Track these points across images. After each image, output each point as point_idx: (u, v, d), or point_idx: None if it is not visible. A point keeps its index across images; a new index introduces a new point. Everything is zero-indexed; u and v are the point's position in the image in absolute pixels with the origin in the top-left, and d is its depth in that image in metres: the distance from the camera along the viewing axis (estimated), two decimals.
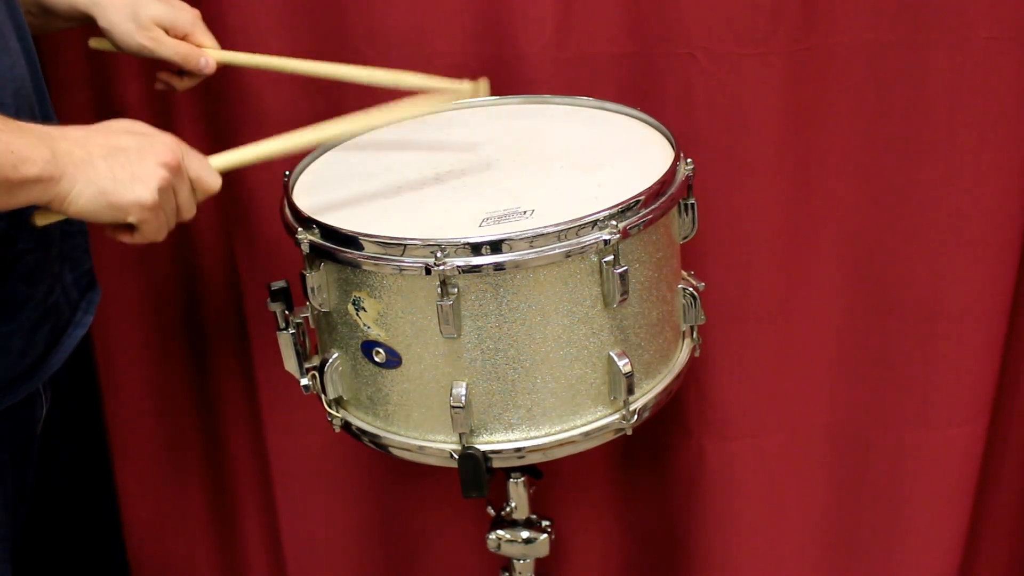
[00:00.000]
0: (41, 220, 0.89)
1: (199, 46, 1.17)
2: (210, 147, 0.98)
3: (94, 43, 1.19)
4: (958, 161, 1.28)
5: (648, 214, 0.96)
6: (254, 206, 1.40)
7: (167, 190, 0.88)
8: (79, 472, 1.24)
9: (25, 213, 0.94)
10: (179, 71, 1.18)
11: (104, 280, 1.14)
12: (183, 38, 1.16)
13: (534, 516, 1.21)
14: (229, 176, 0.98)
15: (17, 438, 1.03)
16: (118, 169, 0.85)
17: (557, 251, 0.91)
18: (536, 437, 0.98)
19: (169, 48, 1.14)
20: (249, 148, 1.00)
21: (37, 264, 0.98)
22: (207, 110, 1.38)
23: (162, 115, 1.38)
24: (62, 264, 1.03)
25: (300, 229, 0.98)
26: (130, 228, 0.89)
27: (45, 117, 1.01)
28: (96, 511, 1.31)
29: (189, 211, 0.92)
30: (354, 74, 1.17)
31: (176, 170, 0.89)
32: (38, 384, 1.02)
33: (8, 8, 0.97)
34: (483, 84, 1.10)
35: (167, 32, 1.14)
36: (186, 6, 1.17)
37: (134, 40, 1.13)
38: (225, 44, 1.20)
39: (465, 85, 1.09)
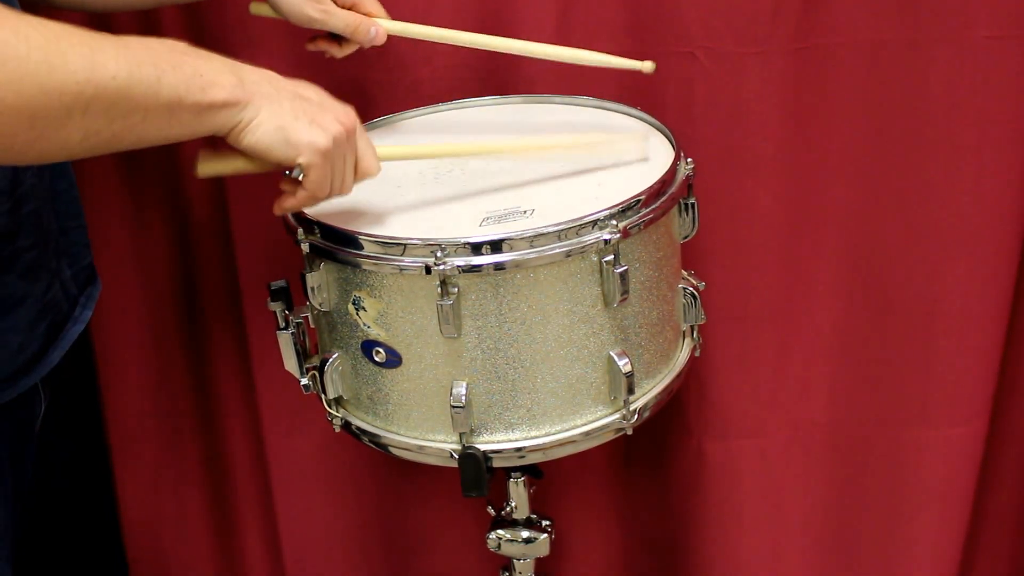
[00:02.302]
0: (204, 170, 0.89)
1: (367, 15, 1.14)
2: None
3: (255, 9, 1.15)
4: (958, 161, 1.28)
5: (648, 214, 0.96)
6: (254, 206, 1.40)
7: (341, 144, 0.89)
8: (78, 472, 1.24)
9: (26, 209, 0.94)
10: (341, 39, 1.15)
11: (104, 279, 1.14)
12: (351, 6, 1.13)
13: (534, 516, 1.20)
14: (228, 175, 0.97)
15: (15, 436, 1.03)
16: (300, 111, 0.86)
17: (557, 251, 0.91)
18: (536, 437, 0.98)
19: (340, 20, 1.11)
20: (414, 146, 1.05)
21: (35, 261, 0.97)
22: None
23: None
24: (60, 259, 1.03)
25: (300, 229, 0.98)
26: (295, 182, 0.89)
27: None
28: (95, 511, 1.31)
29: (348, 186, 0.93)
30: (529, 48, 1.16)
31: (351, 134, 0.90)
32: (36, 379, 1.02)
33: None
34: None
35: (335, 2, 1.12)
36: None
37: (303, 12, 1.11)
38: (224, 41, 1.17)
39: (646, 64, 1.12)
